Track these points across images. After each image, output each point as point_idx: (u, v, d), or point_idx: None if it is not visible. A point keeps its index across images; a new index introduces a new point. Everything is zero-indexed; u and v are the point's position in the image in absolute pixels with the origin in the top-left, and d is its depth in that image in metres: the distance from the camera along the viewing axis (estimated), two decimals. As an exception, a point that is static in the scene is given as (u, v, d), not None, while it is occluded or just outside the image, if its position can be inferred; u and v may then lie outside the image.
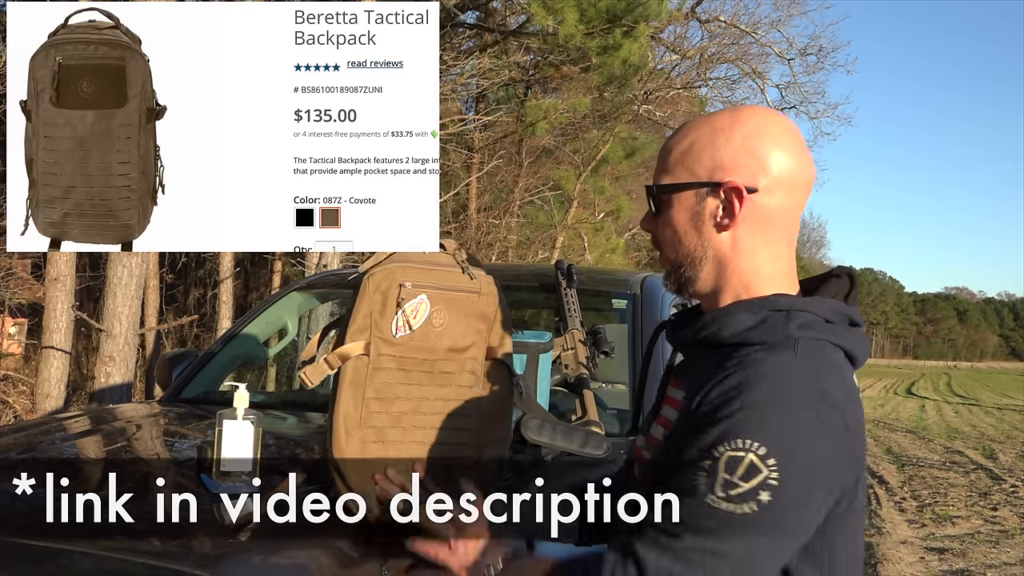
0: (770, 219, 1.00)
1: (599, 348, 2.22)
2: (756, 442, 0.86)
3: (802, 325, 0.95)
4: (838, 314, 0.99)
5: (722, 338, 0.98)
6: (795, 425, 0.88)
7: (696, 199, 1.01)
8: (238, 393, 1.55)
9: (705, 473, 0.87)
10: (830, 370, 0.94)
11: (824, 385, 0.91)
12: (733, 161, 0.99)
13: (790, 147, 1.00)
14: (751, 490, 0.85)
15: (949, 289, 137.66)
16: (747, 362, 0.93)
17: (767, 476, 0.85)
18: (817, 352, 0.94)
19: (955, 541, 6.11)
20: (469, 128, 11.63)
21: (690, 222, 1.02)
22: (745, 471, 0.85)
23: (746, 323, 0.96)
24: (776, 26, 15.93)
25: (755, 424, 0.87)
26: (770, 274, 1.01)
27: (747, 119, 1.01)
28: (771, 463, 0.85)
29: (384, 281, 1.41)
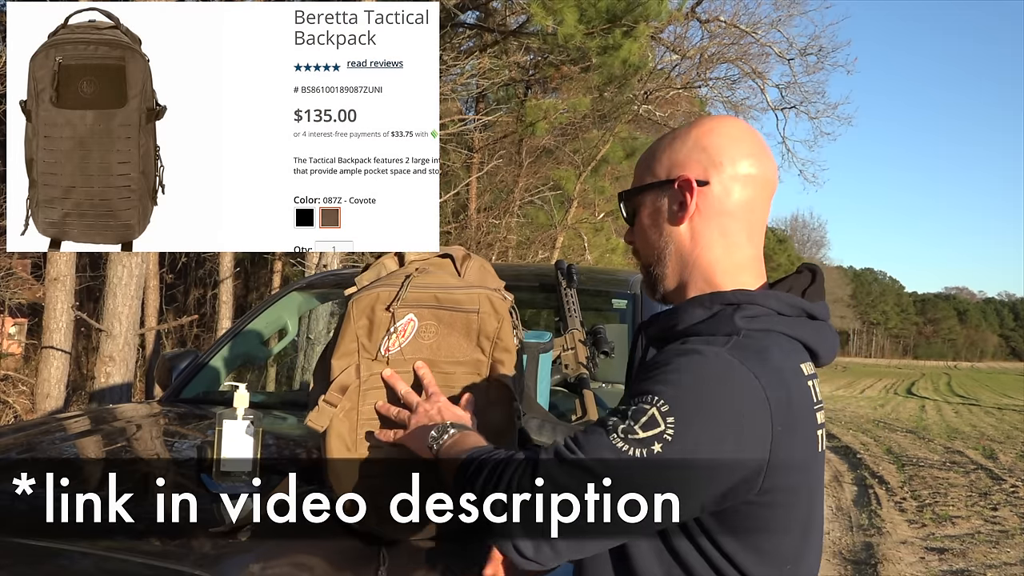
0: (726, 211, 1.05)
1: (599, 348, 2.22)
2: (661, 399, 0.92)
3: (748, 317, 0.99)
4: (791, 307, 1.03)
5: (676, 332, 1.03)
6: (700, 392, 0.93)
7: (656, 198, 1.07)
8: (238, 393, 1.55)
9: (618, 416, 0.94)
10: (758, 355, 0.96)
11: (737, 364, 0.94)
12: (687, 158, 1.06)
13: (744, 144, 1.06)
14: (647, 439, 0.91)
15: (949, 289, 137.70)
16: (679, 346, 0.99)
17: (663, 430, 0.91)
18: (751, 339, 0.98)
19: (955, 541, 6.11)
20: (469, 128, 11.63)
21: (651, 220, 1.08)
22: (647, 421, 0.91)
23: (698, 316, 1.02)
24: (776, 26, 15.95)
25: (665, 385, 0.93)
26: (730, 267, 1.05)
27: (703, 123, 1.08)
28: (670, 420, 0.91)
29: (368, 304, 1.38)
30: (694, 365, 0.94)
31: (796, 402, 0.97)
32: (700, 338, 1.00)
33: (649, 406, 0.92)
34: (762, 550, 0.97)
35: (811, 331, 1.03)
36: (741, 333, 0.98)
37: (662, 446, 0.90)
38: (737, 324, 0.99)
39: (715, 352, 0.95)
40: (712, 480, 0.93)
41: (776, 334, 1.00)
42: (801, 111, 17.32)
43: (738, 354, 0.95)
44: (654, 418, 0.91)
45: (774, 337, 1.00)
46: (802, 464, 0.98)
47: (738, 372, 0.93)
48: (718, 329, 0.99)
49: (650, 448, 0.90)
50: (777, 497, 0.96)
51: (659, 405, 0.91)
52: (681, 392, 0.92)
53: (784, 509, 0.98)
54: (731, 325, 0.99)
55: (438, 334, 1.40)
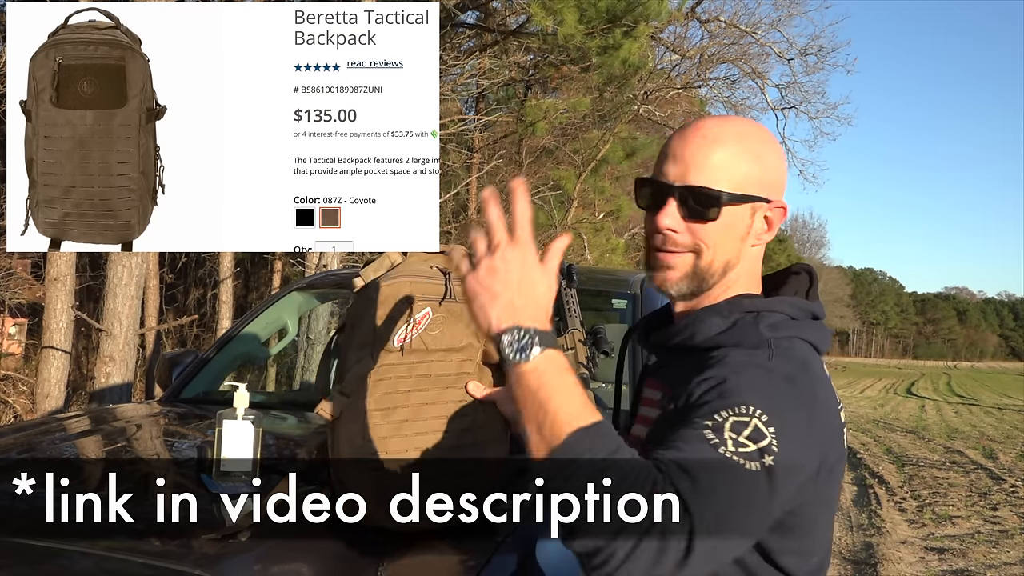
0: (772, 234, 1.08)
1: (599, 348, 2.22)
2: (758, 409, 0.89)
3: (771, 325, 1.00)
4: (801, 311, 1.04)
5: (696, 343, 1.02)
6: (782, 401, 0.92)
7: (750, 212, 1.03)
8: (238, 393, 1.55)
9: (711, 432, 0.88)
10: (801, 364, 0.98)
11: (795, 373, 0.96)
12: (777, 180, 1.05)
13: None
14: (758, 451, 0.88)
15: (949, 289, 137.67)
16: (727, 359, 0.97)
17: (770, 441, 0.88)
18: (787, 348, 0.99)
19: (955, 541, 6.11)
20: (469, 128, 11.63)
21: (737, 233, 1.03)
22: (752, 433, 0.88)
23: (719, 327, 1.01)
24: (776, 26, 15.95)
25: (752, 394, 0.91)
26: (751, 278, 1.08)
27: (772, 138, 1.08)
28: (771, 430, 0.89)
29: (391, 295, 1.40)
30: (762, 377, 0.93)
31: (834, 403, 1.01)
32: (737, 351, 0.98)
33: (748, 417, 0.89)
34: (803, 547, 0.99)
35: (816, 332, 1.04)
36: (771, 343, 0.98)
37: (772, 458, 0.88)
38: (764, 334, 0.99)
39: (767, 363, 0.95)
40: (800, 485, 0.93)
41: (798, 339, 1.01)
42: (801, 111, 17.33)
43: (786, 362, 0.96)
44: (759, 429, 0.88)
45: (799, 344, 1.01)
46: (839, 461, 1.01)
47: (794, 377, 0.95)
48: (743, 339, 0.99)
49: (762, 461, 0.88)
50: (822, 494, 0.98)
51: (758, 416, 0.89)
52: (769, 402, 0.91)
53: (827, 506, 1.01)
54: (757, 335, 0.99)
55: (444, 323, 1.43)
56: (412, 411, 1.40)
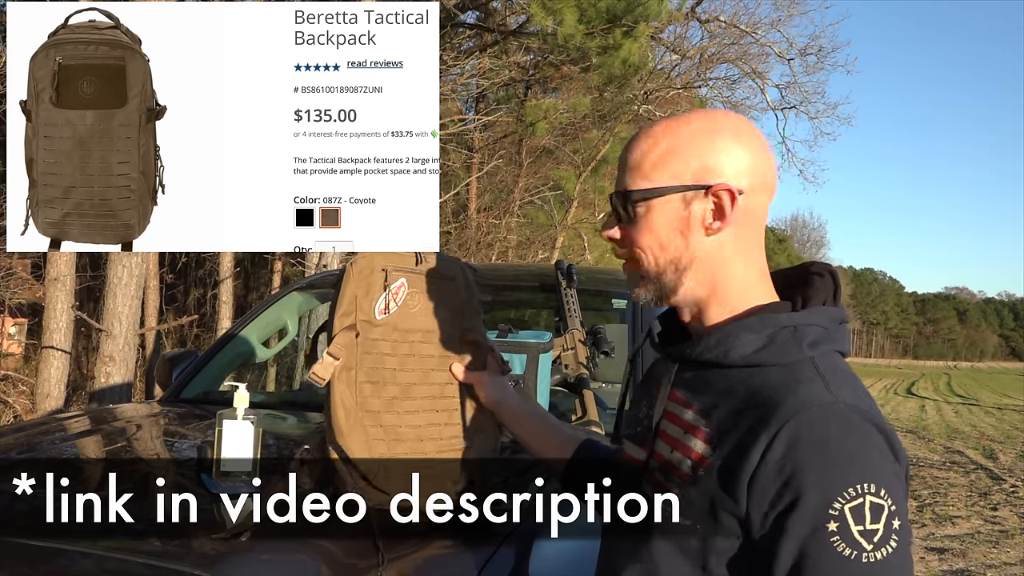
0: (751, 221, 1.01)
1: (599, 348, 2.22)
2: (861, 483, 0.87)
3: (812, 343, 0.95)
4: (832, 320, 1.00)
5: (731, 361, 0.97)
6: (869, 452, 0.89)
7: (682, 204, 0.99)
8: (238, 393, 1.55)
9: (838, 537, 0.86)
10: (853, 386, 0.94)
11: (860, 405, 0.92)
12: (719, 163, 0.98)
13: (765, 151, 1.02)
14: (886, 526, 0.86)
15: (949, 289, 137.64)
16: (785, 406, 0.90)
17: (888, 506, 0.87)
18: (834, 370, 0.95)
19: (955, 541, 6.11)
20: (469, 128, 11.63)
21: (675, 227, 1.00)
22: (872, 513, 0.86)
23: (754, 344, 0.96)
24: (776, 26, 15.95)
25: (847, 467, 0.87)
26: (752, 280, 1.01)
27: (725, 123, 1.01)
28: (882, 493, 0.87)
29: (367, 266, 1.45)
30: (840, 433, 0.89)
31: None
32: (783, 376, 0.93)
33: (860, 497, 0.86)
34: None
35: (845, 339, 1.01)
36: (816, 362, 0.94)
37: (898, 520, 0.87)
38: (805, 352, 0.95)
39: (832, 406, 0.90)
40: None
41: (833, 353, 0.97)
42: (801, 111, 17.34)
43: (846, 395, 0.91)
44: (875, 504, 0.86)
45: (837, 359, 0.97)
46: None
47: (864, 414, 0.91)
48: (782, 358, 0.94)
49: (894, 530, 0.87)
50: None
51: (867, 490, 0.86)
52: (864, 463, 0.88)
53: None
54: (798, 353, 0.94)
55: (422, 298, 1.48)
56: (401, 389, 1.43)
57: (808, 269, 1.06)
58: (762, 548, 0.89)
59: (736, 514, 0.90)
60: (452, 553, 1.36)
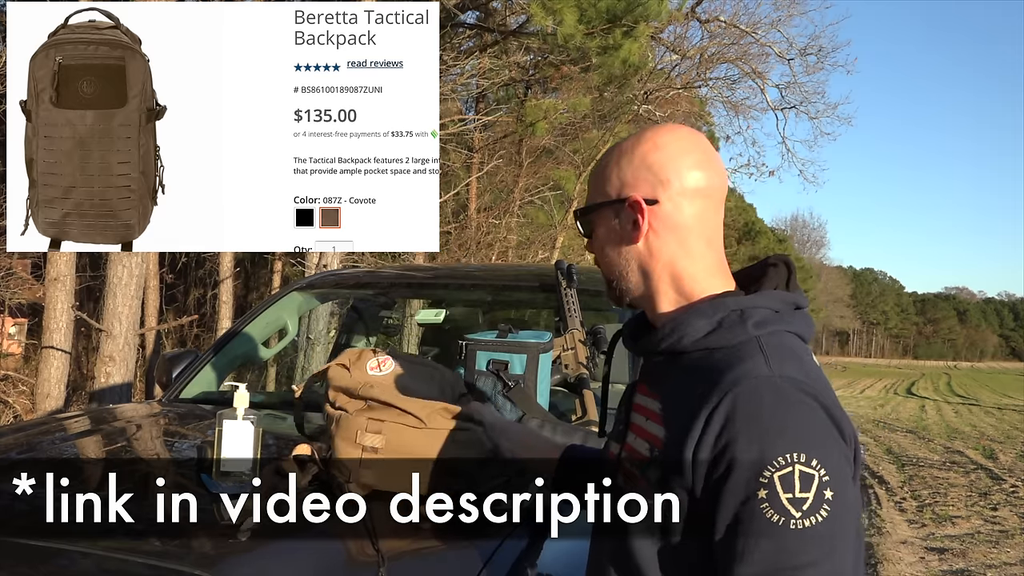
0: (680, 225, 1.07)
1: (599, 348, 2.22)
2: (792, 452, 0.90)
3: (757, 323, 1.00)
4: (784, 303, 1.05)
5: (684, 347, 1.02)
6: (803, 422, 0.93)
7: (611, 216, 1.09)
8: (238, 393, 1.55)
9: (767, 504, 0.89)
10: (797, 362, 0.98)
11: (800, 379, 0.96)
12: (634, 177, 1.07)
13: (689, 157, 1.08)
14: (817, 495, 0.89)
15: (949, 289, 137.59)
16: (724, 380, 0.95)
17: (819, 476, 0.90)
18: (778, 347, 0.99)
19: (955, 541, 6.11)
20: (469, 128, 11.63)
21: (609, 238, 1.10)
22: (802, 481, 0.89)
23: (703, 329, 1.01)
24: (776, 26, 15.94)
25: (779, 437, 0.91)
26: (698, 274, 1.07)
27: (648, 138, 1.09)
28: (813, 463, 0.90)
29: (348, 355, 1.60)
30: (776, 405, 0.92)
31: (829, 386, 1.01)
32: (728, 357, 0.98)
33: (789, 466, 0.89)
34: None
35: (801, 321, 1.06)
36: (760, 341, 0.99)
37: (830, 489, 0.90)
38: (750, 332, 0.99)
39: (769, 379, 0.94)
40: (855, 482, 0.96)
41: (784, 332, 1.02)
42: (801, 111, 17.33)
43: (785, 369, 0.95)
44: (804, 473, 0.89)
45: (787, 336, 1.02)
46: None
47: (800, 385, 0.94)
48: (730, 339, 1.00)
49: (826, 499, 0.89)
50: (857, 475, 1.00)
51: (797, 459, 0.89)
52: (796, 434, 0.91)
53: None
54: (744, 334, 0.99)
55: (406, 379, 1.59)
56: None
57: (766, 262, 1.13)
58: (703, 516, 0.94)
59: (684, 486, 0.95)
60: (452, 553, 1.36)
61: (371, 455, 1.49)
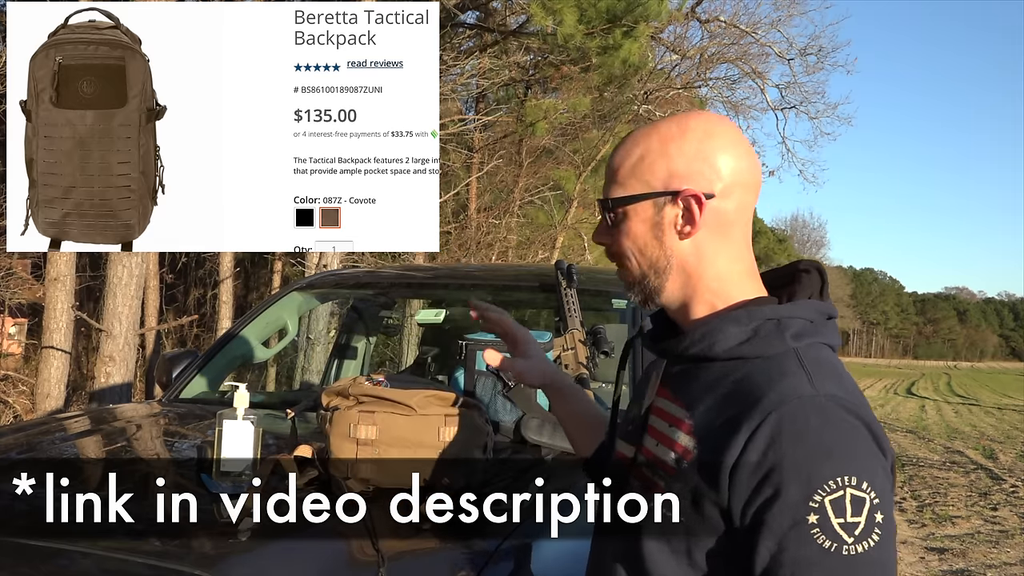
0: (729, 222, 1.02)
1: (599, 348, 2.22)
2: (842, 475, 0.87)
3: (796, 335, 0.96)
4: (819, 313, 1.01)
5: (715, 354, 0.98)
6: (851, 444, 0.89)
7: (654, 209, 1.02)
8: (238, 393, 1.55)
9: (818, 529, 0.86)
10: (838, 379, 0.95)
11: (843, 397, 0.92)
12: (689, 168, 1.00)
13: (739, 150, 1.03)
14: (868, 519, 0.86)
15: (949, 289, 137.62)
16: (767, 398, 0.91)
17: (870, 499, 0.86)
18: (817, 361, 0.95)
19: (955, 541, 6.11)
20: (469, 128, 11.63)
21: (650, 233, 1.02)
22: (853, 505, 0.86)
23: (738, 337, 0.97)
24: (776, 26, 15.95)
25: (828, 460, 0.87)
26: (736, 277, 1.03)
27: (695, 126, 1.02)
28: (864, 486, 0.87)
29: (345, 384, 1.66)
30: (822, 426, 0.89)
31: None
32: (766, 369, 0.94)
33: (840, 489, 0.86)
34: None
35: (832, 332, 1.02)
36: (799, 354, 0.95)
37: (880, 513, 0.87)
38: (788, 344, 0.95)
39: (812, 399, 0.90)
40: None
41: (819, 344, 0.98)
42: (801, 111, 17.33)
43: (827, 386, 0.91)
44: (856, 497, 0.86)
45: (821, 349, 0.98)
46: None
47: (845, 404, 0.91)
48: (765, 350, 0.95)
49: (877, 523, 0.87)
50: None
51: (848, 483, 0.86)
52: (845, 455, 0.87)
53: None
54: (781, 345, 0.95)
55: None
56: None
57: (796, 267, 1.07)
58: (742, 541, 0.90)
59: (719, 505, 0.91)
60: (452, 553, 1.36)
61: (367, 447, 1.49)
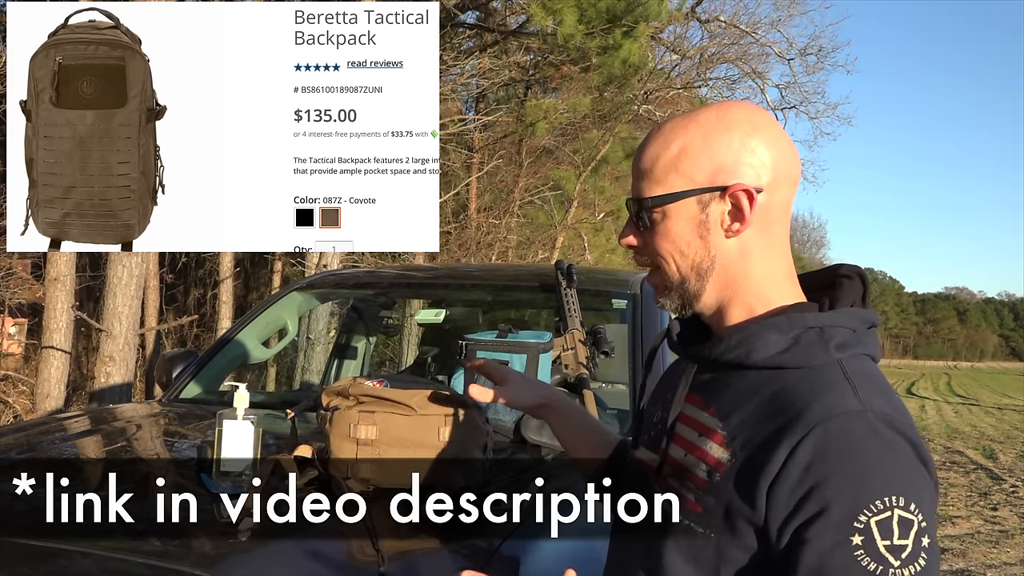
0: (775, 219, 0.96)
1: (599, 348, 2.22)
2: (890, 495, 0.83)
3: (840, 345, 0.91)
4: (862, 322, 0.95)
5: (753, 362, 0.92)
6: (899, 463, 0.86)
7: (699, 207, 0.94)
8: (238, 393, 1.56)
9: (862, 551, 0.82)
10: (885, 393, 0.90)
11: (890, 414, 0.88)
12: (736, 162, 0.93)
13: (784, 143, 0.97)
14: (916, 542, 0.82)
15: (949, 289, 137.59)
16: (811, 412, 0.86)
17: (918, 521, 0.83)
18: (862, 374, 0.91)
19: (955, 541, 6.11)
20: (469, 128, 11.63)
21: (694, 232, 0.95)
22: (900, 527, 0.82)
23: (778, 345, 0.91)
24: (776, 26, 15.95)
25: (876, 479, 0.83)
26: (777, 279, 0.97)
27: (739, 117, 0.95)
28: (912, 507, 0.83)
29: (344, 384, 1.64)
30: (870, 442, 0.85)
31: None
32: (810, 380, 0.89)
33: (888, 510, 0.82)
34: None
35: (874, 342, 0.96)
36: (843, 365, 0.90)
37: (927, 535, 0.83)
38: (832, 355, 0.90)
39: (860, 414, 0.86)
40: None
41: (863, 356, 0.93)
42: (801, 111, 17.34)
43: (875, 402, 0.87)
44: (903, 518, 0.82)
45: (867, 363, 0.93)
46: None
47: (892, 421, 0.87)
48: (808, 360, 0.90)
49: (923, 546, 0.82)
50: None
51: (895, 503, 0.83)
52: (891, 474, 0.84)
53: None
54: (825, 356, 0.90)
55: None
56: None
57: (836, 271, 1.01)
58: (780, 559, 0.86)
59: (753, 522, 0.86)
60: (452, 553, 1.36)
61: (367, 447, 1.49)
